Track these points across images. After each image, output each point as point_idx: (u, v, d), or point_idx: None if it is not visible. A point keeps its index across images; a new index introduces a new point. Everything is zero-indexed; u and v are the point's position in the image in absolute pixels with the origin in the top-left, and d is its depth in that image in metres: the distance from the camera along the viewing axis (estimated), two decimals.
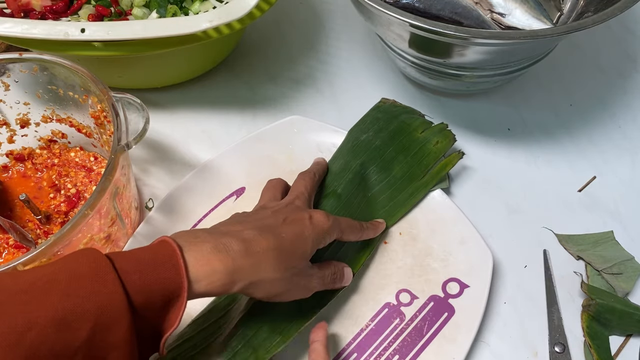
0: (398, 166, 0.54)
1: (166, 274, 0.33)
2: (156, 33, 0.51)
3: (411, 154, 0.55)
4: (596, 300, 0.49)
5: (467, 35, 0.45)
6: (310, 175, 0.51)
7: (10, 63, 0.50)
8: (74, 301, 0.30)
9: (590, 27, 0.45)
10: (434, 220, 0.53)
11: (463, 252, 0.51)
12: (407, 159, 0.55)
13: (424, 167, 0.54)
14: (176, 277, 0.33)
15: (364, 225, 0.48)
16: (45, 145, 0.57)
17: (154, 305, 0.33)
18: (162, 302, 0.33)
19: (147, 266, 0.33)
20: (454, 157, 0.55)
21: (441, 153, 0.55)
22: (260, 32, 0.71)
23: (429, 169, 0.54)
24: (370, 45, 0.70)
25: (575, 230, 0.55)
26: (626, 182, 0.59)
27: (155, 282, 0.32)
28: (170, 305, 0.33)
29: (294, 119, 0.59)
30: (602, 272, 0.52)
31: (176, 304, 0.33)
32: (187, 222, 0.53)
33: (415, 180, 0.54)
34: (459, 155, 0.55)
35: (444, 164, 0.54)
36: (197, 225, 0.53)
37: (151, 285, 0.32)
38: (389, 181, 0.54)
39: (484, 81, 0.58)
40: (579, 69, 0.68)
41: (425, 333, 0.47)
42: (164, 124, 0.62)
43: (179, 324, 0.33)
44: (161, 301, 0.33)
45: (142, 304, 0.32)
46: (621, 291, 0.51)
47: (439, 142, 0.55)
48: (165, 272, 0.33)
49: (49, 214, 0.52)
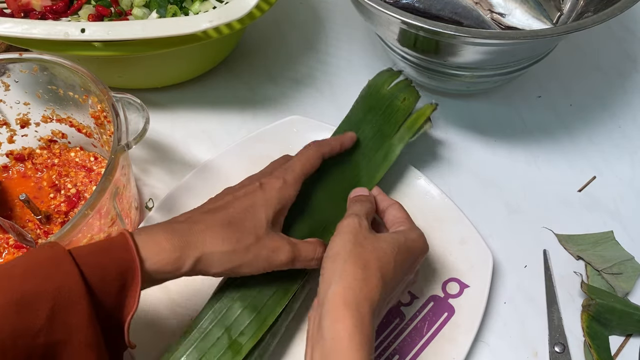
0: (368, 126, 0.54)
1: (118, 254, 0.35)
2: (156, 33, 0.51)
3: (380, 112, 0.54)
4: (596, 300, 0.49)
5: (467, 35, 0.46)
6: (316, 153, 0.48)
7: (10, 63, 0.50)
8: (31, 283, 0.32)
9: (590, 27, 0.45)
10: (434, 220, 0.53)
11: (463, 252, 0.51)
12: (376, 117, 0.54)
13: (394, 124, 0.53)
14: (127, 255, 0.35)
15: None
16: (45, 145, 0.57)
17: (110, 287, 0.34)
18: (118, 282, 0.34)
19: (101, 250, 0.35)
20: (427, 108, 0.54)
21: (409, 110, 0.54)
22: (260, 32, 0.71)
23: (401, 124, 0.53)
24: (370, 45, 0.70)
25: (575, 230, 0.55)
26: (626, 182, 0.59)
27: (109, 263, 0.34)
28: (127, 288, 0.35)
29: (294, 119, 0.59)
30: (602, 272, 0.52)
31: (132, 285, 0.35)
32: None
33: (388, 138, 0.53)
34: (432, 106, 0.54)
35: (416, 116, 0.54)
36: None
37: (105, 265, 0.34)
38: (362, 142, 0.53)
39: (484, 81, 0.58)
40: (579, 69, 0.68)
41: (425, 333, 0.47)
42: (164, 124, 0.62)
43: (137, 305, 0.35)
44: (117, 281, 0.34)
45: (98, 283, 0.33)
46: (621, 291, 0.51)
47: (406, 98, 0.54)
48: (116, 253, 0.35)
49: (49, 214, 0.52)
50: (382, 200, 0.47)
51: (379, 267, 0.38)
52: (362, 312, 0.36)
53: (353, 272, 0.38)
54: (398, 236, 0.41)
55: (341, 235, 0.41)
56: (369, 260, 0.38)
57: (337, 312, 0.36)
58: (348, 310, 0.36)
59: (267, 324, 0.43)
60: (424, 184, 0.55)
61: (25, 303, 0.31)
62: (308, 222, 0.48)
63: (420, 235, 0.43)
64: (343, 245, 0.40)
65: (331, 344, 0.35)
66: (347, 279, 0.37)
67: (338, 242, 0.40)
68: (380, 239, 0.40)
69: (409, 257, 0.41)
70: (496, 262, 0.52)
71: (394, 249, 0.40)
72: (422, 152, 0.60)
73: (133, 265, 0.35)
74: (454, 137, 0.62)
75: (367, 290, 0.37)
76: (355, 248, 0.39)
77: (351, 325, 0.35)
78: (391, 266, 0.39)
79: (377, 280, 0.38)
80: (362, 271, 0.38)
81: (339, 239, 0.40)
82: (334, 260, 0.39)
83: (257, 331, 0.43)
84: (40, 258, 0.33)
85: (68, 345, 0.32)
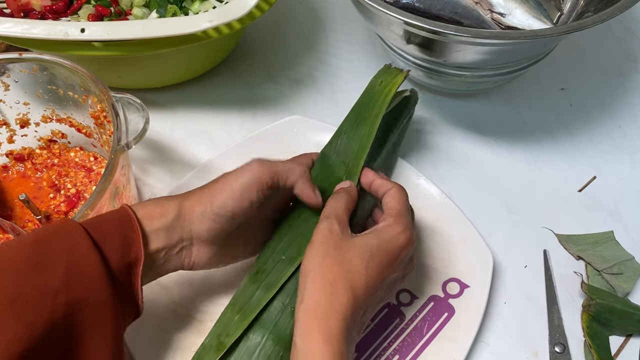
0: (347, 121, 0.51)
1: (114, 214, 0.39)
2: (156, 33, 0.51)
3: (358, 103, 0.51)
4: (596, 300, 0.49)
5: (467, 35, 0.46)
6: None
7: (10, 63, 0.50)
8: (44, 246, 0.35)
9: (590, 27, 0.45)
10: (434, 220, 0.53)
11: (463, 252, 0.51)
12: (354, 108, 0.51)
13: (371, 108, 0.50)
14: (122, 211, 0.39)
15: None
16: (45, 145, 0.57)
17: (113, 241, 0.37)
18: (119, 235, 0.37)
19: (100, 216, 0.39)
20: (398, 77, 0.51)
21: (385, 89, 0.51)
22: (260, 32, 0.71)
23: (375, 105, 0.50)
24: (370, 45, 0.70)
25: (575, 230, 0.55)
26: (626, 182, 0.59)
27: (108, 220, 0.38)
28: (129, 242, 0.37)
29: (294, 118, 0.59)
30: (602, 272, 0.52)
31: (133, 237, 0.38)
32: None
33: (364, 123, 0.50)
34: (403, 73, 0.51)
35: (388, 89, 0.50)
36: None
37: (105, 223, 0.38)
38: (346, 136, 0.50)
39: (484, 81, 0.58)
40: (579, 69, 0.68)
41: (425, 333, 0.47)
42: (164, 124, 0.62)
43: (143, 257, 0.38)
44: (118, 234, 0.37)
45: (101, 240, 0.36)
46: (621, 291, 0.51)
47: (383, 81, 0.51)
48: (113, 213, 0.39)
49: (49, 214, 0.52)
50: (380, 185, 0.45)
51: (348, 279, 0.38)
52: (332, 326, 0.36)
53: (322, 287, 0.37)
54: (371, 239, 0.40)
55: (311, 246, 0.40)
56: (337, 274, 0.38)
57: (308, 328, 0.36)
58: (318, 326, 0.36)
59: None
60: (424, 184, 0.55)
61: (41, 264, 0.34)
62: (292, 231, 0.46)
63: (402, 231, 0.41)
64: (312, 259, 0.39)
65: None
66: (316, 294, 0.37)
67: (308, 255, 0.40)
68: (351, 247, 0.39)
69: (385, 259, 0.40)
70: (496, 262, 0.52)
71: (365, 256, 0.39)
72: (422, 152, 0.60)
73: (129, 218, 0.38)
74: (454, 137, 0.62)
75: (337, 304, 0.37)
76: (324, 261, 0.38)
77: (322, 340, 0.35)
78: (362, 275, 0.38)
79: (347, 293, 0.37)
80: (331, 286, 0.37)
81: (309, 252, 0.40)
82: (305, 276, 0.39)
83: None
84: (47, 228, 0.36)
85: (86, 304, 0.35)
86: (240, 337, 0.41)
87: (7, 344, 0.31)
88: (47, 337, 0.33)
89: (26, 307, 0.33)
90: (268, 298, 0.42)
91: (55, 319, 0.34)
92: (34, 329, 0.33)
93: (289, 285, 0.43)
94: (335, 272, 0.38)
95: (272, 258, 0.44)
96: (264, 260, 0.44)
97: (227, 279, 0.50)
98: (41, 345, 0.33)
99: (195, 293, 0.49)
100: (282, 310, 0.42)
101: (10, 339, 0.32)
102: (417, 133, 0.61)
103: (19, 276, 0.33)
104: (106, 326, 0.36)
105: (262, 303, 0.42)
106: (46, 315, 0.33)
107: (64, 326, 0.34)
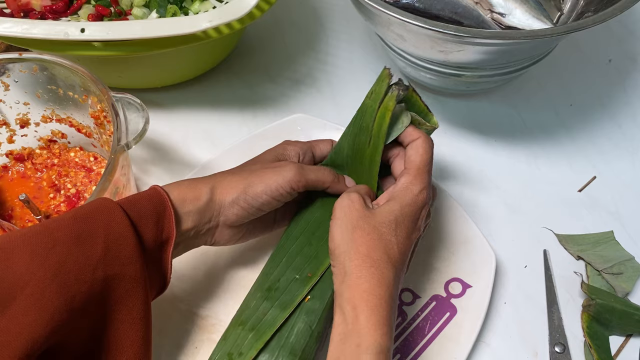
0: (345, 140, 0.47)
1: (149, 193, 0.40)
2: (156, 33, 0.51)
3: (353, 120, 0.47)
4: (596, 301, 0.49)
5: (467, 35, 0.45)
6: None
7: (10, 63, 0.50)
8: (84, 222, 0.36)
9: (590, 27, 0.45)
10: (437, 220, 0.53)
11: (466, 252, 0.51)
12: (350, 128, 0.47)
13: (365, 130, 0.45)
14: (156, 192, 0.40)
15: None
16: (45, 145, 0.57)
17: (148, 220, 0.38)
18: (153, 214, 0.38)
19: (134, 196, 0.40)
20: (389, 100, 0.44)
21: (377, 102, 0.44)
22: (260, 32, 0.71)
23: (371, 127, 0.44)
24: (370, 45, 0.70)
25: (575, 230, 0.55)
26: (626, 182, 0.59)
27: (143, 200, 0.39)
28: (162, 220, 0.39)
29: (297, 117, 0.59)
30: (602, 272, 0.52)
31: (165, 215, 0.39)
32: None
33: (364, 147, 0.45)
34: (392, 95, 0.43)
35: (381, 113, 0.44)
36: None
37: (140, 203, 0.39)
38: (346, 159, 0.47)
39: (484, 81, 0.58)
40: (579, 69, 0.68)
41: (427, 333, 0.47)
42: (164, 124, 0.62)
43: (174, 234, 0.39)
44: (153, 214, 0.38)
45: (137, 219, 0.38)
46: (621, 291, 0.51)
47: (374, 91, 0.45)
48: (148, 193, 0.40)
49: (49, 214, 0.52)
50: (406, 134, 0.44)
51: (383, 249, 0.39)
52: (379, 298, 0.37)
53: (361, 262, 0.38)
54: (393, 206, 0.40)
55: (335, 221, 0.41)
56: (371, 246, 0.39)
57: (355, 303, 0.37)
58: (366, 300, 0.37)
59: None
60: None
61: (82, 238, 0.35)
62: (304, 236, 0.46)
63: (420, 191, 0.41)
64: (341, 234, 0.40)
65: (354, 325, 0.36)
66: (358, 269, 0.38)
67: (335, 231, 0.40)
68: (375, 216, 0.40)
69: (410, 224, 0.41)
70: (497, 262, 0.52)
71: (391, 225, 0.40)
72: None
73: (163, 198, 0.39)
74: (454, 137, 0.62)
75: (379, 275, 0.37)
76: (354, 234, 0.39)
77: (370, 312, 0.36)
78: (393, 244, 0.39)
79: (386, 264, 0.38)
80: (369, 259, 0.38)
81: (335, 227, 0.40)
82: (338, 253, 0.39)
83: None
84: (86, 206, 0.37)
85: (121, 280, 0.36)
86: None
87: (49, 317, 0.32)
88: (84, 311, 0.34)
89: (68, 280, 0.33)
90: (284, 318, 0.41)
91: (93, 293, 0.35)
92: (73, 302, 0.33)
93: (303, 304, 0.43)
94: (368, 245, 0.39)
95: (285, 276, 0.44)
96: (277, 277, 0.44)
97: (228, 275, 0.51)
98: (78, 319, 0.34)
99: (197, 289, 0.49)
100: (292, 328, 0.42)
101: (53, 311, 0.32)
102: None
103: (63, 249, 0.34)
104: (137, 302, 0.37)
105: (278, 323, 0.41)
106: (85, 289, 0.34)
107: (99, 300, 0.35)
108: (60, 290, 0.33)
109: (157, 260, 0.39)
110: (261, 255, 0.51)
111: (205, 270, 0.50)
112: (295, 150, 0.47)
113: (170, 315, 0.48)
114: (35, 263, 0.33)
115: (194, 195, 0.41)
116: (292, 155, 0.47)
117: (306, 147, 0.48)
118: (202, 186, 0.42)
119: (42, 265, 0.33)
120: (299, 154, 0.47)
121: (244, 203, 0.42)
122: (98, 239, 0.35)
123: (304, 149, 0.48)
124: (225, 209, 0.42)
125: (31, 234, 0.34)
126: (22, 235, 0.34)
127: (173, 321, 0.48)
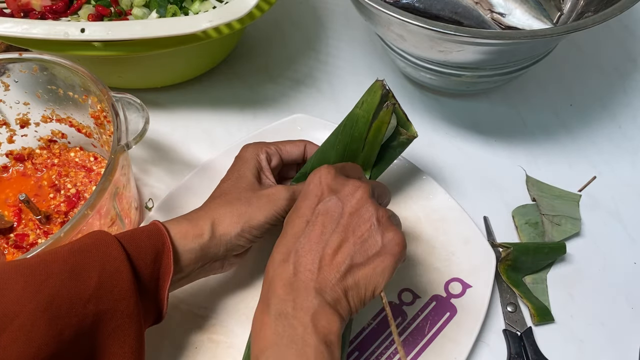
0: (332, 150, 0.46)
1: (148, 229, 0.40)
2: (156, 33, 0.51)
3: (341, 130, 0.46)
4: (512, 248, 0.50)
5: (467, 35, 0.45)
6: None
7: (10, 63, 0.50)
8: (80, 256, 0.36)
9: (590, 27, 0.45)
10: (437, 220, 0.53)
11: (466, 252, 0.51)
12: (339, 137, 0.46)
13: (357, 139, 0.44)
14: (156, 229, 0.40)
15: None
16: (45, 145, 0.57)
17: (145, 256, 0.38)
18: (152, 251, 0.38)
19: (134, 230, 0.40)
20: (385, 114, 0.43)
21: (370, 113, 0.43)
22: (260, 32, 0.71)
23: (364, 139, 0.44)
24: (370, 45, 0.70)
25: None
26: (626, 182, 0.59)
27: (142, 236, 0.39)
28: (160, 257, 0.39)
29: (298, 117, 0.59)
30: (543, 215, 0.54)
31: (164, 253, 0.39)
32: None
33: (357, 154, 0.45)
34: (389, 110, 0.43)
35: (377, 127, 0.44)
36: None
37: (139, 239, 0.39)
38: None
39: (484, 81, 0.58)
40: (579, 69, 0.68)
41: (426, 333, 0.47)
42: (164, 124, 0.62)
43: (172, 271, 0.39)
44: (151, 250, 0.38)
45: (134, 254, 0.38)
46: (550, 238, 0.53)
47: (365, 101, 0.44)
48: (147, 229, 0.40)
49: (49, 214, 0.52)
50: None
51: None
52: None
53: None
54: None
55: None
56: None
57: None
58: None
59: None
60: (428, 184, 0.55)
61: (76, 272, 0.35)
62: None
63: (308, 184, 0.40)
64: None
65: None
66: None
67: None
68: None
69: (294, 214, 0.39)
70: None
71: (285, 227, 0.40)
72: (423, 152, 0.60)
73: (162, 234, 0.39)
74: (454, 137, 0.62)
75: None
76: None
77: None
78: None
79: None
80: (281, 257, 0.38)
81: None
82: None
83: None
84: (83, 239, 0.37)
85: (113, 315, 0.36)
86: None
87: (37, 349, 0.32)
88: (74, 344, 0.34)
89: (59, 313, 0.33)
90: None
91: (83, 327, 0.35)
92: (62, 334, 0.33)
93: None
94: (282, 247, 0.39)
95: None
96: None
97: (229, 275, 0.51)
98: (67, 351, 0.34)
99: (197, 289, 0.49)
100: None
101: (40, 344, 0.32)
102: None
103: (56, 282, 0.34)
104: (130, 336, 0.37)
105: None
106: (75, 323, 0.34)
107: (89, 335, 0.35)
108: (50, 323, 0.33)
109: (153, 294, 0.39)
110: (261, 255, 0.51)
111: None
112: (265, 160, 0.48)
113: (171, 315, 0.48)
114: (27, 295, 0.33)
115: (195, 232, 0.41)
116: (264, 166, 0.47)
117: (273, 150, 0.48)
118: (203, 223, 0.42)
119: (34, 298, 0.33)
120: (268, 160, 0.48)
121: (248, 235, 0.43)
122: (92, 274, 0.35)
123: (270, 153, 0.48)
124: (231, 244, 0.43)
125: (25, 266, 0.34)
126: (16, 267, 0.34)
127: (173, 321, 0.48)
